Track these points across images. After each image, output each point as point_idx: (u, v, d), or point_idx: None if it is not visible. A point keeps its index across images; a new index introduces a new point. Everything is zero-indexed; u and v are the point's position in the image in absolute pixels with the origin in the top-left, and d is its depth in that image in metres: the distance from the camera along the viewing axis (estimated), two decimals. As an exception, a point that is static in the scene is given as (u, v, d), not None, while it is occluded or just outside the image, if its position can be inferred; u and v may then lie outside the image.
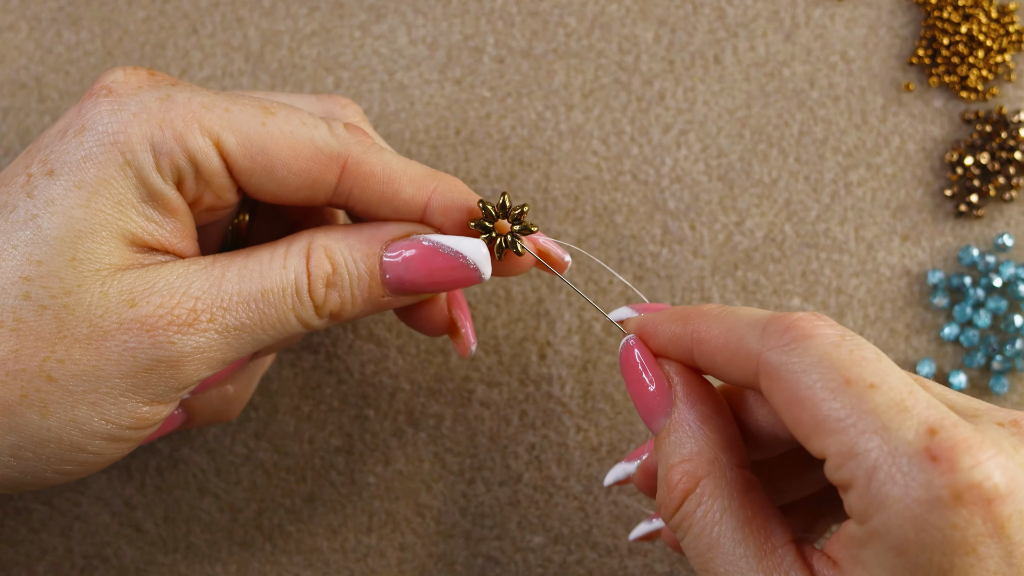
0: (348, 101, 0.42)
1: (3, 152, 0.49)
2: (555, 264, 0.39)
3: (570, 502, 0.47)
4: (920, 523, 0.28)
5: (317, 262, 0.36)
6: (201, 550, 0.48)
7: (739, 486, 0.33)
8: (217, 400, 0.42)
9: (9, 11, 0.50)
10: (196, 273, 0.35)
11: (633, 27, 0.49)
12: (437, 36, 0.49)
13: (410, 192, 0.37)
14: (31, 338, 0.33)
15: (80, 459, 0.35)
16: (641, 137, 0.49)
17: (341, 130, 0.37)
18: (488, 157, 0.49)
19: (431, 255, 0.37)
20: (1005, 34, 0.49)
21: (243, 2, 0.50)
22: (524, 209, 0.38)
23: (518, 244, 0.38)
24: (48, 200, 0.34)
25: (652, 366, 0.36)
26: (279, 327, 0.36)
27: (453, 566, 0.47)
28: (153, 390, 0.34)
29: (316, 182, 0.36)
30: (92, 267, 0.34)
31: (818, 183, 0.48)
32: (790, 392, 0.31)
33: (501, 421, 0.47)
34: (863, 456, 0.29)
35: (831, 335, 0.31)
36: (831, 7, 0.49)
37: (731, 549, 0.32)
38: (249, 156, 0.35)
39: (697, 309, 0.35)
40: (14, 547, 0.48)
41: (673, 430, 0.35)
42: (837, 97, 0.49)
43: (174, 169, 0.35)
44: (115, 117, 0.35)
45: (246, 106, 0.36)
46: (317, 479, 0.48)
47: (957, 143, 0.49)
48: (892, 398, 0.30)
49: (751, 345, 0.32)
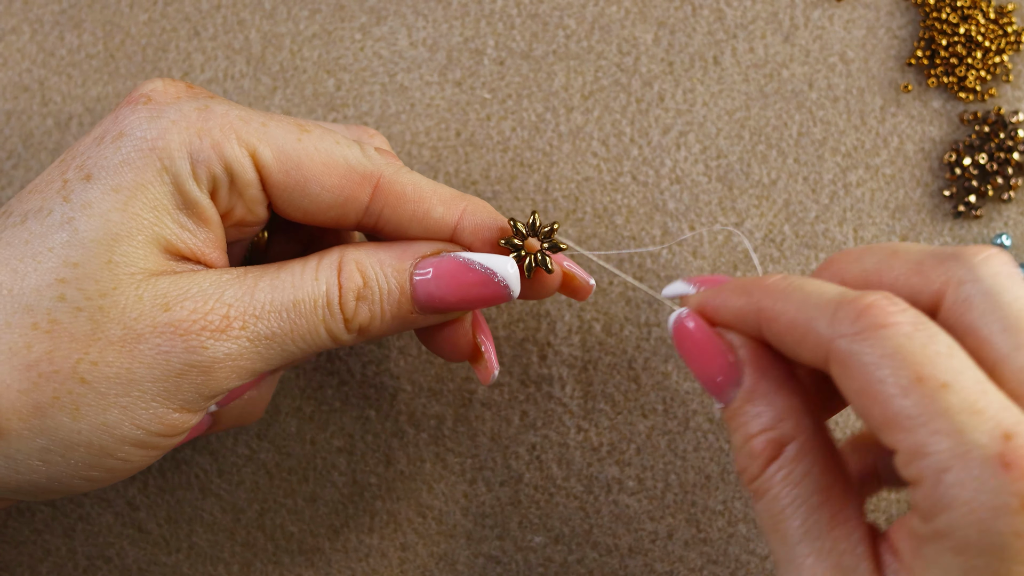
0: (375, 131, 0.42)
1: (7, 155, 0.49)
2: (580, 287, 0.40)
3: (571, 502, 0.48)
4: (984, 528, 0.28)
5: (348, 275, 0.36)
6: (204, 550, 0.48)
7: (821, 451, 0.33)
8: (241, 403, 0.42)
9: (11, 14, 0.50)
10: (229, 282, 0.35)
11: (632, 29, 0.49)
12: (437, 38, 0.50)
13: (440, 212, 0.37)
14: (65, 339, 0.33)
15: (108, 465, 0.35)
16: (641, 138, 0.49)
17: (373, 152, 0.37)
18: (488, 159, 0.49)
19: (461, 271, 0.37)
20: (1003, 35, 0.49)
21: (244, 5, 0.50)
22: (554, 227, 0.38)
23: (548, 262, 0.38)
24: (85, 203, 0.34)
25: (713, 336, 0.36)
26: (308, 339, 0.36)
27: (454, 566, 0.47)
28: (184, 396, 0.35)
29: (348, 200, 0.37)
30: (128, 270, 0.34)
31: (817, 184, 0.48)
32: (861, 384, 0.30)
33: (502, 421, 0.48)
34: (933, 456, 0.29)
35: (904, 325, 0.30)
36: (830, 8, 0.49)
37: (807, 513, 0.32)
38: (284, 170, 0.36)
39: (760, 283, 0.35)
40: (17, 548, 0.48)
41: (748, 399, 0.34)
42: (836, 98, 0.49)
43: (210, 178, 0.35)
44: (154, 124, 0.35)
45: (282, 122, 0.36)
46: (319, 480, 0.48)
47: (955, 144, 0.49)
48: (965, 399, 0.29)
49: (821, 329, 0.32)
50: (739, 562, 0.47)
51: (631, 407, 0.48)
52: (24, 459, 0.34)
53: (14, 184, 0.49)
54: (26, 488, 0.35)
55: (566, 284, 0.40)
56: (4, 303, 0.33)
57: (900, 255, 0.35)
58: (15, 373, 0.33)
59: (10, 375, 0.33)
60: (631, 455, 0.47)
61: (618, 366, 0.48)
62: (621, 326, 0.48)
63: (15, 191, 0.49)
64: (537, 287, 0.39)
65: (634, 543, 0.47)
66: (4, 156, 0.49)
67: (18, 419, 0.33)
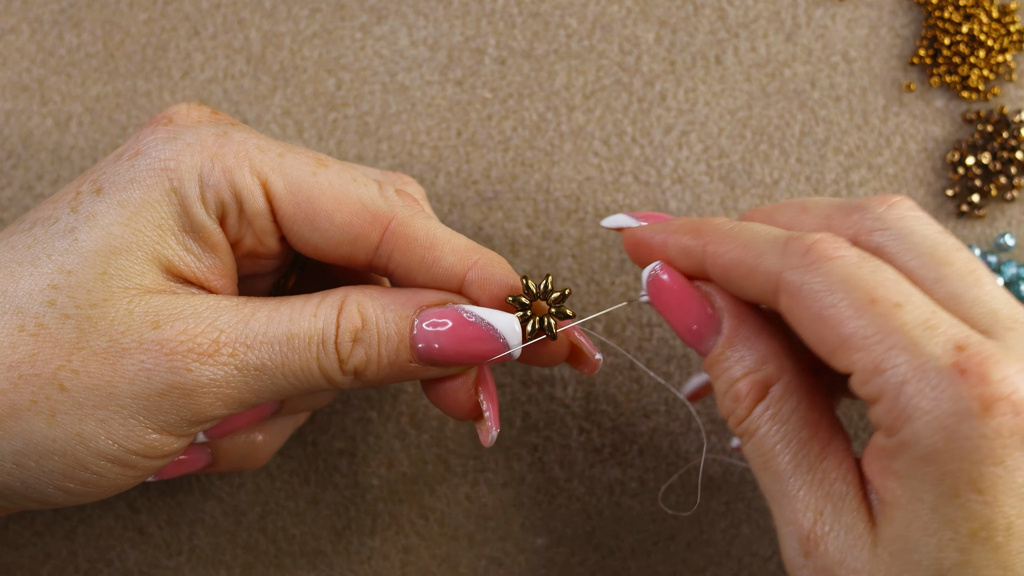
0: (411, 179, 0.42)
1: (6, 155, 0.49)
2: (586, 360, 0.39)
3: (573, 503, 0.47)
4: (950, 433, 0.29)
5: (348, 315, 0.36)
6: (205, 553, 0.48)
7: (805, 389, 0.35)
8: (244, 446, 0.42)
9: (11, 13, 0.50)
10: (226, 308, 0.35)
11: (634, 28, 0.49)
12: (438, 37, 0.49)
13: (451, 261, 0.37)
14: (49, 344, 0.33)
15: (83, 478, 0.34)
16: (642, 138, 0.49)
17: (391, 193, 0.37)
18: (489, 158, 0.49)
19: (463, 324, 0.36)
20: (1006, 34, 0.49)
21: (244, 4, 0.50)
22: (565, 293, 0.37)
23: (552, 327, 0.37)
24: (89, 215, 0.34)
25: (689, 286, 0.37)
26: (301, 375, 0.35)
27: (457, 568, 0.47)
28: (165, 417, 0.34)
29: (357, 238, 0.36)
30: (121, 284, 0.34)
31: (820, 183, 0.48)
32: (813, 310, 0.32)
33: (504, 423, 0.48)
34: (891, 371, 0.30)
35: (852, 256, 0.32)
36: (832, 7, 0.49)
37: (796, 448, 0.34)
38: (294, 202, 0.36)
39: (708, 222, 0.36)
40: (18, 551, 0.48)
41: (729, 345, 0.35)
42: (838, 97, 0.49)
43: (218, 203, 0.35)
44: (169, 145, 0.35)
45: (300, 155, 0.36)
46: (321, 482, 0.48)
47: (958, 143, 0.49)
48: (918, 316, 0.31)
49: (770, 263, 0.33)
50: (742, 563, 0.47)
51: (633, 408, 0.48)
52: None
53: (13, 184, 0.49)
54: (2, 491, 0.35)
55: (573, 356, 0.39)
56: None
57: (809, 210, 0.37)
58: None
59: None
60: (633, 456, 0.47)
61: (620, 367, 0.48)
62: (623, 327, 0.48)
63: (15, 191, 0.49)
64: (541, 353, 0.38)
65: (636, 544, 0.47)
66: (3, 156, 0.49)
67: None
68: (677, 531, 0.47)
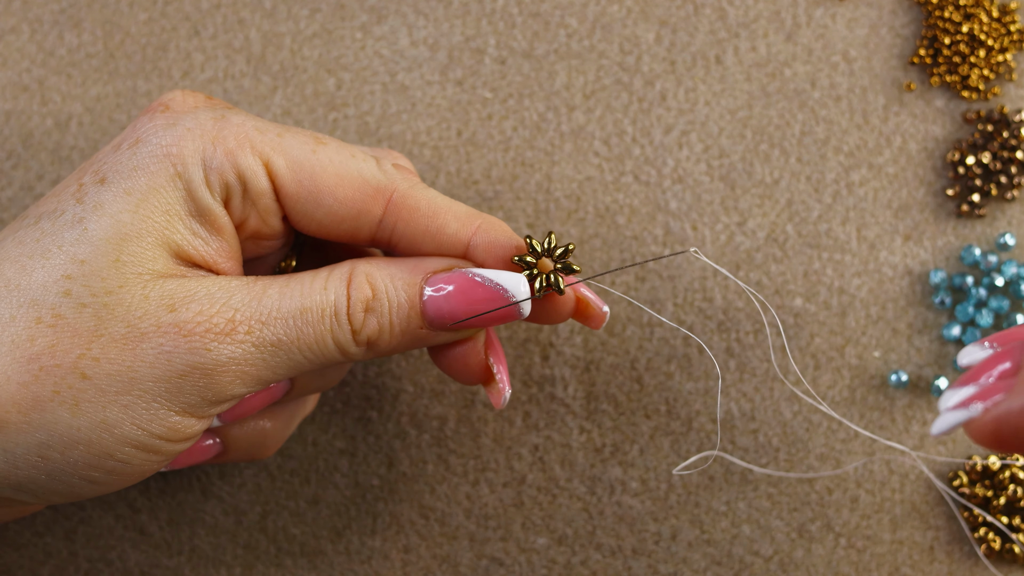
0: (399, 154, 0.43)
1: (6, 155, 0.49)
2: (594, 315, 0.39)
3: (574, 503, 0.47)
4: None
5: (358, 286, 0.36)
6: (205, 553, 0.48)
7: None
8: (253, 434, 0.42)
9: (11, 14, 0.50)
10: (238, 287, 0.35)
11: (634, 28, 0.49)
12: (438, 37, 0.49)
13: (454, 227, 0.37)
14: (68, 334, 0.33)
15: (108, 466, 0.35)
16: (643, 138, 0.49)
17: (389, 167, 0.38)
18: (490, 158, 0.49)
19: (471, 287, 0.37)
20: (1006, 33, 0.49)
21: (244, 4, 0.50)
22: (569, 248, 0.38)
23: (560, 283, 0.37)
24: (97, 204, 0.34)
25: None
26: (316, 349, 0.36)
27: (457, 568, 0.47)
28: (186, 398, 0.34)
29: (361, 213, 0.37)
30: (135, 270, 0.34)
31: (820, 183, 0.48)
32: None
33: (504, 422, 0.47)
34: None
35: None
36: (832, 7, 0.49)
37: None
38: (297, 180, 0.36)
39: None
40: (18, 551, 0.48)
41: None
42: (839, 97, 0.49)
43: (223, 186, 0.35)
44: (170, 131, 0.35)
45: (298, 134, 0.37)
46: (321, 481, 0.48)
47: (959, 143, 0.49)
48: None
49: None
50: (743, 563, 0.47)
51: (634, 407, 0.47)
52: (23, 454, 0.34)
53: (13, 184, 0.49)
54: (28, 486, 0.35)
55: (579, 310, 0.39)
56: (10, 297, 0.34)
57: None
58: (16, 366, 0.33)
59: (11, 367, 0.33)
60: (634, 456, 0.47)
61: (620, 366, 0.47)
62: (623, 326, 0.48)
63: (15, 191, 0.49)
64: (549, 309, 0.39)
65: (637, 544, 0.47)
66: (3, 156, 0.49)
67: (17, 412, 0.33)
68: (678, 531, 0.47)
